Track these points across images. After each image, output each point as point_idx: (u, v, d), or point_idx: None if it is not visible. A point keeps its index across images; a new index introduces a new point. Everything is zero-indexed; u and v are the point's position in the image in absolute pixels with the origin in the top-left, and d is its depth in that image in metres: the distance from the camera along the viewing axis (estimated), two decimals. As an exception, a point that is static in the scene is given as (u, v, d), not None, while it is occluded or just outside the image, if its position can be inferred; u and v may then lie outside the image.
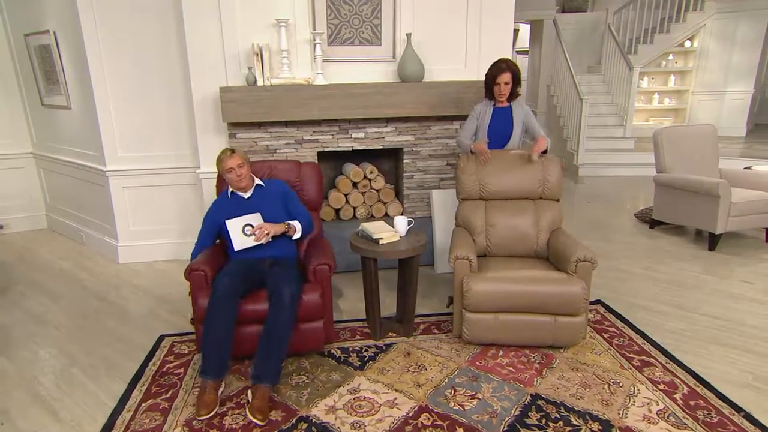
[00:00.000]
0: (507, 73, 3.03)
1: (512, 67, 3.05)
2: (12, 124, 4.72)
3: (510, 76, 3.03)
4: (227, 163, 2.65)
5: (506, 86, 3.06)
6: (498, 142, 3.18)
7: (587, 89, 8.05)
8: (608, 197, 6.07)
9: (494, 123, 3.17)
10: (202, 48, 3.43)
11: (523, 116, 3.18)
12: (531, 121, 3.21)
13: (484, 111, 3.20)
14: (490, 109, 3.18)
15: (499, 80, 3.04)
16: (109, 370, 2.56)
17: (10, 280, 3.72)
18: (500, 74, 3.03)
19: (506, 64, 3.04)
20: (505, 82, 3.04)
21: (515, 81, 3.07)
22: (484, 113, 3.19)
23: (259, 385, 2.20)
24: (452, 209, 3.55)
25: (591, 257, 2.60)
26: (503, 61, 3.07)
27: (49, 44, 3.98)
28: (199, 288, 2.59)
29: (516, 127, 3.17)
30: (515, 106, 3.17)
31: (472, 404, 2.25)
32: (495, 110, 3.18)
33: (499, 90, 3.07)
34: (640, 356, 2.63)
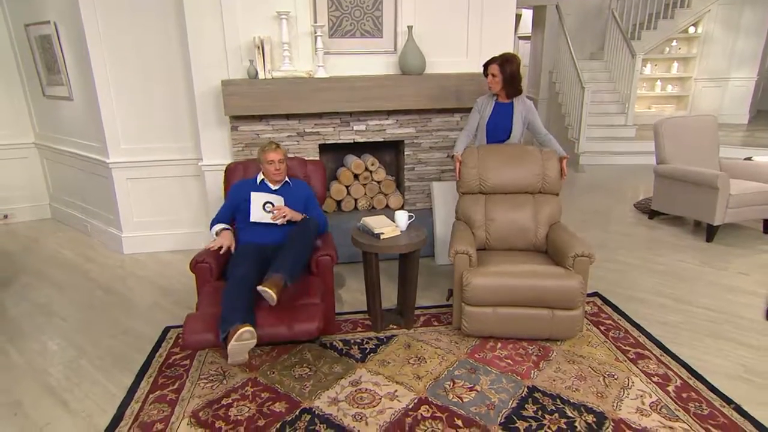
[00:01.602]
0: (494, 65, 3.04)
1: (504, 63, 3.02)
2: (14, 114, 4.72)
3: (497, 69, 3.02)
4: (270, 156, 2.81)
5: (492, 78, 3.06)
6: (497, 137, 3.20)
7: (589, 76, 8.00)
8: (608, 186, 6.09)
9: (494, 118, 3.19)
10: (204, 41, 3.43)
11: (525, 113, 3.18)
12: (534, 118, 3.20)
13: (486, 105, 3.21)
14: (492, 104, 3.19)
15: (488, 71, 3.07)
16: (117, 361, 2.62)
17: (16, 270, 3.78)
18: (489, 65, 3.07)
19: (501, 58, 3.04)
20: (492, 74, 3.06)
21: (509, 76, 3.02)
22: (486, 108, 3.21)
23: (273, 274, 2.34)
24: (452, 201, 3.58)
25: (589, 253, 2.64)
26: (502, 54, 3.08)
27: (49, 35, 3.97)
28: (204, 280, 2.66)
29: (516, 124, 3.17)
30: (517, 102, 3.17)
31: (470, 396, 2.31)
32: (496, 105, 3.19)
33: (488, 81, 3.10)
34: (635, 349, 2.69)
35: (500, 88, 3.10)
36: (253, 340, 2.19)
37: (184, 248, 4.09)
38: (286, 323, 2.32)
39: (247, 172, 3.09)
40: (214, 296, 2.52)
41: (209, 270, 2.67)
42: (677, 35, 8.82)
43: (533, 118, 3.21)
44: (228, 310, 2.25)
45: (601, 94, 7.98)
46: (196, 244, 4.08)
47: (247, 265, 2.47)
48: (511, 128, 3.19)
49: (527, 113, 3.19)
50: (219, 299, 2.43)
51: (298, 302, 2.47)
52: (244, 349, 2.19)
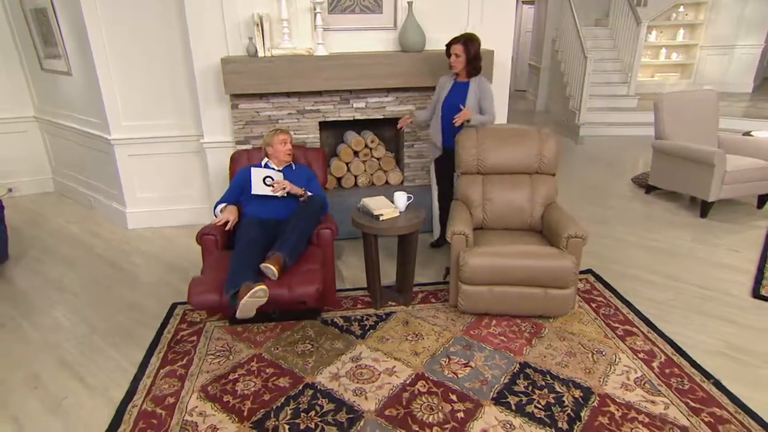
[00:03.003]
0: (458, 45, 3.05)
1: (468, 43, 3.04)
2: (12, 87, 4.70)
3: (461, 49, 3.04)
4: (283, 137, 3.03)
5: (456, 58, 3.07)
6: (452, 115, 3.16)
7: (593, 44, 7.88)
8: (608, 159, 6.12)
9: (450, 96, 3.22)
10: (202, 17, 3.40)
11: (478, 92, 3.16)
12: (484, 98, 3.17)
13: (446, 84, 3.25)
14: (450, 83, 3.23)
15: (452, 50, 3.09)
16: (127, 337, 2.74)
17: (25, 245, 3.87)
18: (453, 44, 3.08)
19: (464, 37, 3.05)
20: (455, 53, 3.07)
21: (473, 56, 3.06)
22: (445, 86, 3.25)
23: (275, 253, 2.48)
24: (451, 179, 3.63)
25: (582, 234, 2.71)
26: (464, 34, 3.09)
27: (45, 8, 3.91)
28: (209, 251, 2.77)
29: (468, 103, 3.16)
30: (473, 82, 3.18)
31: (465, 372, 2.44)
32: (454, 84, 3.23)
33: (450, 60, 3.11)
34: (624, 326, 2.80)
35: (462, 68, 3.12)
36: (264, 298, 2.33)
37: (188, 223, 4.17)
38: (286, 286, 2.45)
39: (252, 159, 3.16)
40: (219, 263, 2.64)
41: (214, 241, 2.79)
42: (685, 1, 8.61)
43: (483, 100, 3.17)
44: (237, 269, 2.40)
45: (604, 63, 7.89)
46: (200, 220, 4.15)
47: (254, 233, 2.64)
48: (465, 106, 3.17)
49: (481, 93, 3.17)
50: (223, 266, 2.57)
51: (298, 268, 2.59)
52: (255, 305, 2.33)
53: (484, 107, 3.19)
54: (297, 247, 2.60)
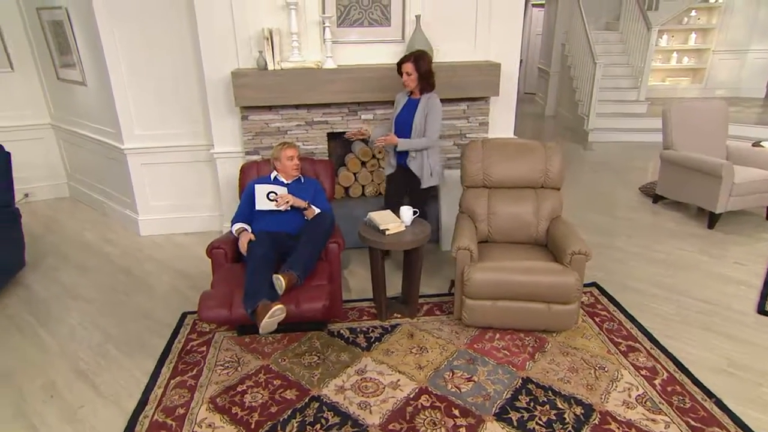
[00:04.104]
0: (408, 63, 3.04)
1: (418, 61, 3.02)
2: (29, 96, 4.82)
3: (412, 67, 3.03)
4: (289, 152, 3.06)
5: (408, 77, 3.07)
6: (402, 132, 3.19)
7: (603, 48, 7.85)
8: (616, 166, 6.11)
9: (402, 113, 3.23)
10: (214, 31, 3.47)
11: (426, 109, 3.13)
12: (430, 115, 3.11)
13: (401, 100, 3.27)
14: (405, 99, 3.24)
15: (402, 69, 3.08)
16: (140, 346, 2.83)
17: (41, 251, 3.98)
18: (403, 63, 3.07)
19: (414, 56, 3.04)
20: (407, 72, 3.06)
21: (424, 73, 3.04)
22: (399, 103, 3.26)
23: (288, 270, 2.55)
24: (458, 189, 3.65)
25: (585, 251, 2.74)
26: (414, 52, 3.08)
27: (62, 20, 4.01)
28: (219, 264, 2.85)
29: (415, 120, 3.14)
30: (423, 98, 3.16)
31: (467, 387, 2.48)
32: (408, 101, 3.23)
33: (403, 79, 3.11)
34: (627, 341, 2.83)
35: (415, 85, 3.12)
36: (283, 315, 2.44)
37: (199, 231, 4.26)
38: (294, 302, 2.53)
39: (261, 172, 3.23)
40: (228, 276, 2.73)
41: (224, 255, 2.88)
42: (697, 5, 8.53)
43: (429, 116, 3.12)
44: (253, 286, 2.50)
45: (614, 68, 7.85)
46: (211, 227, 4.25)
47: (265, 247, 2.72)
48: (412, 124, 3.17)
49: (428, 110, 3.13)
50: (233, 279, 2.67)
51: (306, 284, 2.66)
52: (275, 323, 2.43)
53: (426, 126, 3.13)
54: (308, 265, 2.67)
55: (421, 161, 3.22)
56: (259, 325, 2.37)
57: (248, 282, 2.51)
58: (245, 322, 2.52)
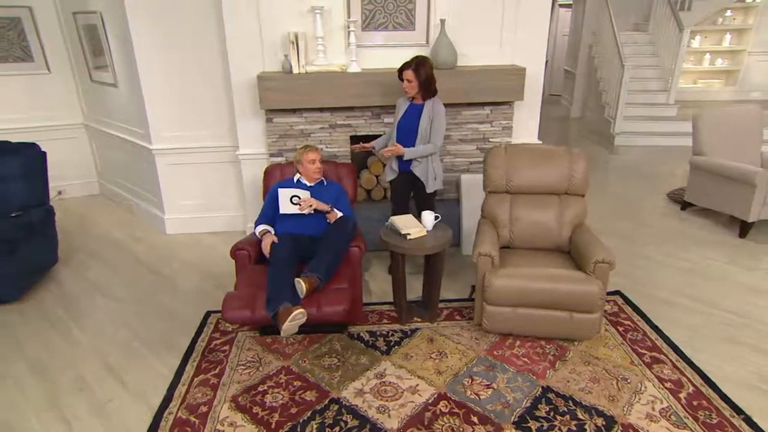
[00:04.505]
0: (409, 71, 3.01)
1: (419, 67, 2.99)
2: (64, 96, 4.99)
3: (412, 74, 3.00)
4: (311, 155, 3.08)
5: (409, 84, 3.04)
6: (405, 138, 3.18)
7: (632, 50, 7.68)
8: (643, 170, 5.98)
9: (405, 119, 3.19)
10: (241, 35, 3.54)
11: (431, 114, 3.12)
12: (435, 123, 3.11)
13: (402, 106, 3.23)
14: (406, 105, 3.21)
15: (403, 76, 3.06)
16: (165, 343, 2.90)
17: (72, 248, 4.11)
18: (404, 70, 3.05)
19: (415, 62, 3.01)
20: (407, 79, 3.03)
21: (425, 80, 3.02)
22: (401, 108, 3.23)
23: (310, 274, 2.58)
24: (480, 193, 3.64)
25: (610, 259, 2.70)
26: (414, 58, 3.05)
27: (96, 24, 4.14)
28: (243, 265, 2.91)
29: (421, 126, 3.13)
30: (427, 104, 3.14)
31: (487, 394, 2.47)
32: (410, 106, 3.20)
33: (404, 86, 3.08)
34: (652, 352, 2.77)
35: (416, 92, 3.10)
36: (304, 319, 2.47)
37: (223, 230, 4.34)
38: (315, 305, 2.56)
39: (284, 174, 3.27)
40: (251, 278, 2.79)
41: (248, 256, 2.93)
42: (733, 4, 8.27)
43: (435, 122, 3.11)
44: (275, 289, 2.54)
45: (643, 70, 7.66)
46: (235, 227, 4.33)
47: (288, 250, 2.76)
48: (417, 130, 3.15)
49: (433, 116, 3.12)
50: (256, 280, 2.72)
51: (327, 287, 2.69)
52: (296, 327, 2.47)
53: (432, 132, 3.12)
54: (330, 269, 2.70)
55: (426, 166, 3.22)
56: (280, 328, 2.40)
57: (270, 285, 2.55)
58: (267, 323, 2.56)
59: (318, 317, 2.52)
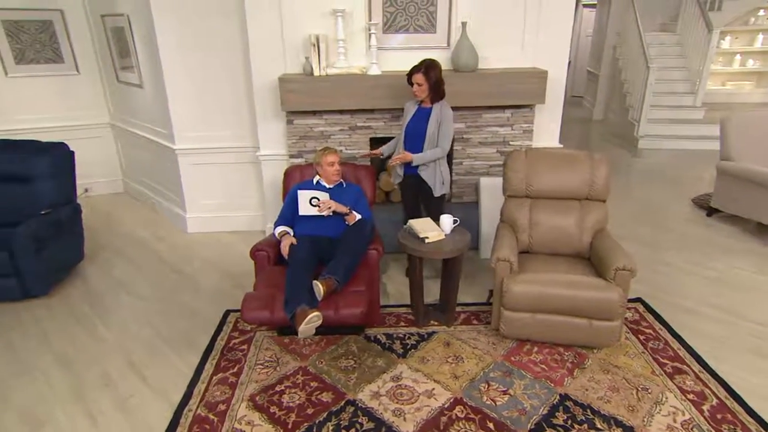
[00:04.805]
0: (419, 74, 3.00)
1: (429, 71, 2.99)
2: (92, 96, 5.13)
3: (422, 78, 2.99)
4: (330, 158, 3.09)
5: (419, 87, 3.03)
6: (413, 141, 3.17)
7: (658, 51, 7.52)
8: (668, 175, 5.85)
9: (413, 122, 3.18)
10: (263, 38, 3.58)
11: (439, 118, 3.11)
12: (443, 127, 3.11)
13: (410, 109, 3.22)
14: (414, 108, 3.20)
15: (413, 80, 3.05)
16: (186, 342, 2.95)
17: (98, 245, 4.22)
18: (414, 74, 3.04)
19: (424, 66, 3.00)
20: (417, 83, 3.02)
21: (435, 83, 3.02)
22: (409, 112, 3.22)
23: (328, 276, 2.60)
24: (500, 197, 3.61)
25: (631, 266, 2.65)
26: (423, 62, 3.03)
27: (123, 27, 4.24)
28: (262, 266, 2.94)
29: (429, 129, 3.12)
30: (435, 108, 3.13)
31: (503, 400, 2.46)
32: (418, 110, 3.19)
33: (413, 90, 3.08)
34: (674, 362, 2.72)
35: (426, 95, 3.09)
36: (320, 321, 2.49)
37: (243, 230, 4.40)
38: (333, 307, 2.58)
39: (304, 176, 3.30)
40: (270, 278, 2.81)
41: (266, 257, 2.96)
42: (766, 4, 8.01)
43: (443, 126, 3.11)
44: (293, 291, 2.56)
45: (669, 71, 7.50)
46: (254, 227, 4.39)
47: (306, 251, 2.78)
48: (425, 133, 3.14)
49: (441, 119, 3.11)
50: (274, 281, 2.74)
51: (345, 289, 2.70)
52: (312, 329, 2.49)
53: (440, 136, 3.12)
54: (348, 272, 2.71)
55: (434, 170, 3.21)
56: (297, 330, 2.43)
57: (288, 287, 2.58)
58: (285, 324, 2.59)
59: (335, 320, 2.54)
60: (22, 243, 3.18)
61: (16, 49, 4.71)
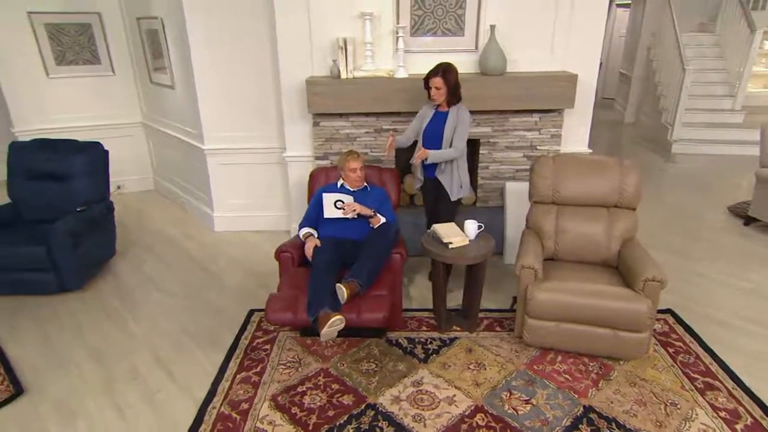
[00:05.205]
0: (437, 78, 2.97)
1: (447, 74, 2.97)
2: (126, 97, 5.29)
3: (441, 81, 2.97)
4: (352, 164, 3.09)
5: (437, 91, 3.00)
6: (430, 145, 3.14)
7: (695, 52, 7.29)
8: (703, 181, 5.66)
9: (430, 126, 3.15)
10: (291, 40, 3.62)
11: (455, 121, 3.08)
12: (459, 126, 3.08)
13: (427, 113, 3.18)
14: (432, 112, 3.16)
15: (431, 84, 3.02)
16: (211, 339, 3.02)
17: (129, 241, 4.35)
18: (431, 78, 3.01)
19: (442, 69, 2.98)
20: (436, 86, 2.99)
21: (453, 86, 3.00)
22: (426, 116, 3.18)
23: (351, 279, 2.60)
24: (526, 202, 3.56)
25: (661, 278, 2.57)
26: (440, 66, 3.00)
27: (157, 30, 4.35)
28: (286, 267, 2.98)
29: (446, 132, 3.09)
30: (452, 111, 3.09)
31: (525, 409, 2.43)
32: (435, 114, 3.15)
33: (430, 93, 3.05)
34: (705, 377, 2.63)
35: (444, 99, 3.06)
36: (342, 325, 2.50)
37: (269, 229, 4.47)
38: (355, 311, 2.59)
39: (329, 178, 3.32)
40: (294, 280, 2.84)
41: (291, 259, 3.00)
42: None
43: (458, 128, 3.08)
44: (316, 294, 2.58)
45: (707, 73, 7.26)
46: (280, 226, 4.45)
47: (330, 254, 2.81)
48: (442, 137, 3.11)
49: (457, 122, 3.08)
50: (298, 283, 2.77)
51: (368, 293, 2.71)
52: (335, 332, 2.51)
53: (455, 137, 3.09)
54: (372, 276, 2.72)
55: (450, 174, 3.19)
56: (320, 333, 2.45)
57: (311, 290, 2.60)
58: (308, 325, 2.62)
59: (357, 323, 2.55)
60: (60, 238, 3.30)
61: (57, 51, 4.89)
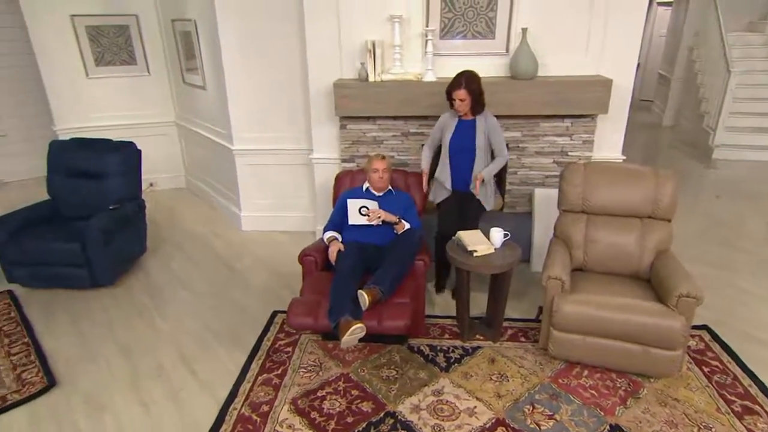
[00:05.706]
0: (461, 90, 2.90)
1: (470, 84, 2.90)
2: (160, 96, 5.42)
3: (465, 93, 2.90)
4: (376, 165, 3.08)
5: (462, 103, 2.93)
6: (461, 156, 3.07)
7: (742, 52, 6.94)
8: (745, 189, 5.39)
9: (457, 137, 3.06)
10: (320, 43, 3.63)
11: (486, 129, 3.00)
12: (494, 134, 3.04)
13: (449, 124, 3.09)
14: (455, 122, 3.07)
15: (454, 96, 2.93)
16: (234, 339, 3.06)
17: (160, 239, 4.46)
18: (454, 90, 2.92)
19: (464, 80, 2.89)
20: (460, 98, 2.91)
21: (474, 97, 2.93)
22: (449, 126, 3.09)
23: (373, 286, 2.59)
24: (554, 209, 3.47)
25: (696, 294, 2.46)
26: (462, 76, 2.92)
27: (190, 31, 4.44)
28: (309, 271, 2.99)
29: (479, 143, 3.02)
30: (479, 120, 3.01)
31: (548, 425, 2.36)
32: (459, 123, 3.06)
33: (454, 105, 2.97)
34: (743, 401, 2.50)
35: (468, 109, 2.98)
36: (363, 333, 2.49)
37: (293, 230, 4.50)
38: (376, 318, 2.57)
39: (354, 181, 3.32)
40: (317, 284, 2.85)
41: (314, 263, 3.00)
42: None
43: (493, 138, 3.05)
44: (337, 301, 2.58)
45: (755, 75, 6.89)
46: (305, 227, 4.47)
47: (353, 259, 2.79)
48: (474, 147, 3.03)
49: (489, 130, 3.01)
50: (320, 288, 2.77)
51: (390, 300, 2.68)
52: (355, 340, 2.50)
53: (496, 147, 3.04)
54: (394, 283, 2.69)
55: (485, 186, 3.13)
56: (341, 339, 2.44)
57: (333, 296, 2.60)
58: (329, 331, 2.61)
59: (378, 330, 2.54)
60: (94, 235, 3.40)
61: (97, 52, 5.05)
